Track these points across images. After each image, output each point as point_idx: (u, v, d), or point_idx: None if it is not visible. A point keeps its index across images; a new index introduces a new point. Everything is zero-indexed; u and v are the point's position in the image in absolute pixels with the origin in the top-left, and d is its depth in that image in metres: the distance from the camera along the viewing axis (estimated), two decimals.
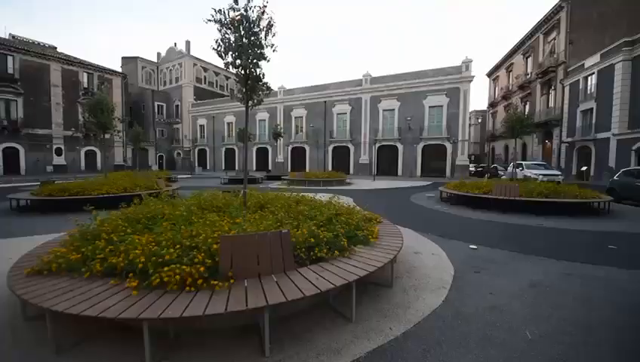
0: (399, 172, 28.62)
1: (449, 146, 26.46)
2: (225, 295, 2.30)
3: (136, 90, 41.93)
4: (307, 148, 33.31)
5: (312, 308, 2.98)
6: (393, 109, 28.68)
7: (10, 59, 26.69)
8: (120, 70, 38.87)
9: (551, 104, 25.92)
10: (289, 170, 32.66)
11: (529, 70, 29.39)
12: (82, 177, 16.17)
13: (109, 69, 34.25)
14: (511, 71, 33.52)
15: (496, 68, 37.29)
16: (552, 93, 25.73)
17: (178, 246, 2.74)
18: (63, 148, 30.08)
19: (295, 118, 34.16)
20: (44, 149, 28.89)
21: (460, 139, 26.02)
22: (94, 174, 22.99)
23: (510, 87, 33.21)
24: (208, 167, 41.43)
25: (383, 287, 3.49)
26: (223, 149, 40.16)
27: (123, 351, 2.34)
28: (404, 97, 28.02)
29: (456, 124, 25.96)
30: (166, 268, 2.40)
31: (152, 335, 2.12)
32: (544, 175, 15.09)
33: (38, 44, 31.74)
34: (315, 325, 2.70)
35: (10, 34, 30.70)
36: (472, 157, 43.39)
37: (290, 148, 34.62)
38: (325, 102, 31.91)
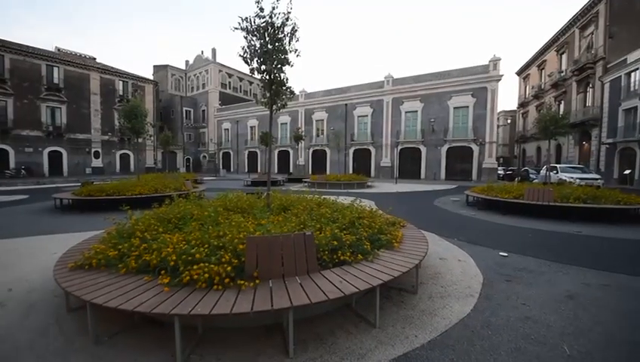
0: (422, 175, 27.90)
1: (475, 148, 25.46)
2: (250, 294, 2.35)
3: (166, 96, 44.18)
4: (328, 150, 33.36)
5: (335, 310, 2.98)
6: (416, 111, 28.07)
7: (56, 70, 29.12)
8: (151, 78, 41.17)
9: (588, 103, 24.20)
10: (310, 172, 32.86)
11: (563, 67, 27.67)
12: (117, 178, 17.26)
13: (142, 77, 36.34)
14: (543, 68, 31.72)
15: (527, 66, 35.46)
16: (590, 91, 24.02)
17: (206, 245, 2.84)
18: (100, 151, 32.27)
19: (316, 120, 34.38)
20: (83, 153, 31.14)
21: (487, 140, 24.95)
22: (128, 176, 24.44)
23: (542, 86, 31.40)
24: (232, 170, 42.66)
25: (408, 293, 3.41)
26: (246, 152, 41.20)
27: (155, 344, 2.46)
28: (428, 98, 27.35)
29: (484, 125, 24.93)
30: (195, 267, 2.50)
31: (181, 330, 2.21)
32: (582, 179, 14.10)
33: (80, 55, 34.40)
34: (338, 328, 2.69)
35: (56, 47, 33.50)
36: (501, 160, 41.42)
37: (310, 151, 34.86)
38: (346, 104, 31.87)
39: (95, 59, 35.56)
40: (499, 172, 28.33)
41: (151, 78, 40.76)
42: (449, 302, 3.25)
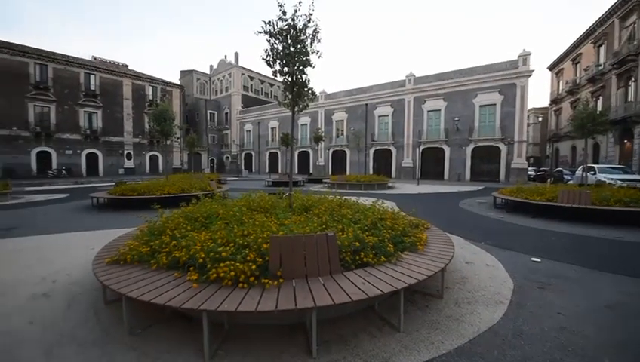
0: (445, 175, 27.05)
1: (503, 148, 24.31)
2: (275, 293, 2.39)
3: (192, 99, 46.00)
4: (348, 151, 33.21)
5: (358, 313, 2.95)
6: (439, 110, 27.28)
7: (92, 77, 31.21)
8: (178, 82, 43.00)
9: (630, 97, 22.34)
10: (329, 173, 32.86)
11: (601, 60, 25.74)
12: (147, 179, 18.18)
13: (170, 82, 38.07)
14: (578, 62, 29.68)
15: (560, 60, 33.35)
16: (632, 85, 22.14)
17: (232, 244, 2.93)
18: (132, 153, 34.16)
19: (336, 121, 34.35)
20: (117, 154, 33.10)
21: (516, 139, 23.75)
22: (156, 176, 25.71)
23: (578, 81, 29.40)
24: (254, 170, 43.59)
25: (433, 298, 3.32)
26: (267, 153, 41.94)
27: (184, 337, 2.56)
28: (451, 96, 26.49)
29: (512, 124, 23.76)
30: (222, 264, 2.57)
31: (209, 326, 2.28)
32: (623, 180, 13.04)
33: (113, 62, 36.60)
34: (361, 331, 2.67)
35: (92, 56, 35.89)
36: (531, 160, 39.28)
37: (330, 152, 34.86)
38: (366, 104, 31.58)
39: (127, 66, 37.69)
40: (529, 173, 26.85)
41: (178, 82, 42.59)
42: (477, 308, 3.13)
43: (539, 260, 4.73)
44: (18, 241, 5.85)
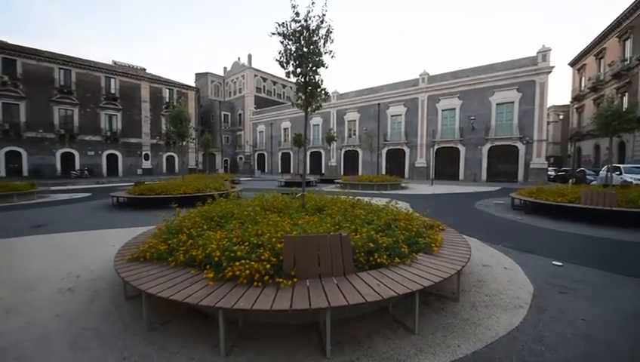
0: (461, 176, 26.45)
1: (522, 147, 23.54)
2: (289, 293, 2.41)
3: (207, 101, 46.95)
4: (360, 151, 33.03)
5: (372, 314, 2.93)
6: (454, 108, 26.70)
7: (112, 81, 32.37)
8: (194, 85, 43.99)
9: None
10: (341, 173, 32.77)
11: (627, 55, 24.49)
12: (164, 179, 18.71)
13: (185, 85, 38.99)
14: (602, 58, 28.35)
15: (582, 55, 31.97)
16: None
17: (247, 243, 2.97)
18: (149, 154, 35.21)
19: (348, 121, 34.22)
20: (135, 155, 34.20)
21: (535, 138, 22.95)
22: (173, 176, 26.39)
23: (601, 77, 28.10)
24: (266, 170, 44.03)
25: (448, 300, 3.25)
26: (280, 153, 42.27)
27: (200, 333, 2.63)
28: (467, 95, 25.89)
29: (531, 122, 22.97)
30: (237, 263, 2.62)
31: (225, 323, 2.33)
32: None
33: (132, 66, 37.84)
34: (375, 332, 2.65)
35: (112, 60, 37.22)
36: (551, 160, 37.87)
37: (342, 152, 34.76)
38: (379, 104, 31.30)
39: (145, 69, 38.87)
40: (549, 173, 25.89)
41: (193, 85, 43.56)
42: (495, 312, 3.05)
43: (560, 264, 4.56)
44: (45, 238, 6.15)
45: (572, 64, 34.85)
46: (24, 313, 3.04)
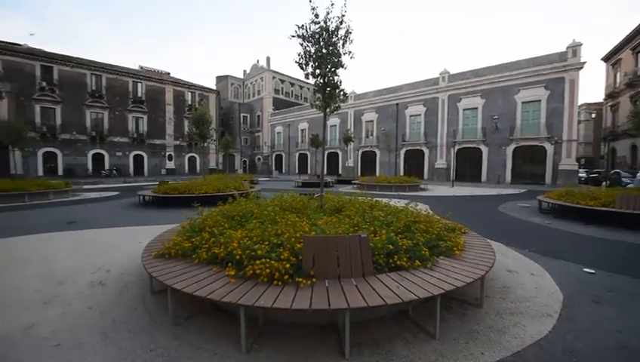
0: (483, 177, 25.52)
1: (549, 148, 22.39)
2: (308, 292, 2.43)
3: (227, 103, 48.18)
4: (377, 152, 32.66)
5: (391, 317, 2.90)
6: (476, 108, 25.83)
7: (139, 85, 33.94)
8: (214, 88, 45.26)
9: None
10: (359, 174, 32.55)
11: None
12: (186, 179, 19.37)
13: (207, 88, 40.20)
14: (639, 52, 26.46)
15: (617, 50, 29.91)
16: None
17: (266, 242, 3.02)
18: (173, 154, 36.60)
19: (365, 122, 33.97)
20: (159, 156, 35.64)
21: (565, 138, 21.76)
22: (194, 176, 27.29)
23: (639, 72, 26.22)
24: (284, 171, 44.53)
25: (471, 306, 3.15)
26: (297, 154, 42.61)
27: (222, 329, 2.70)
28: (490, 93, 24.96)
29: (560, 121, 21.80)
30: (258, 262, 2.67)
31: (246, 320, 2.38)
32: None
33: (157, 71, 39.46)
34: (395, 336, 2.61)
35: (139, 65, 38.99)
36: (582, 161, 35.79)
37: (360, 153, 34.53)
38: (397, 104, 30.84)
39: (169, 73, 40.42)
40: (580, 175, 24.45)
41: (214, 88, 44.83)
42: (521, 320, 2.92)
43: (592, 271, 4.30)
44: (78, 234, 6.54)
45: (605, 59, 32.73)
46: (59, 304, 3.25)
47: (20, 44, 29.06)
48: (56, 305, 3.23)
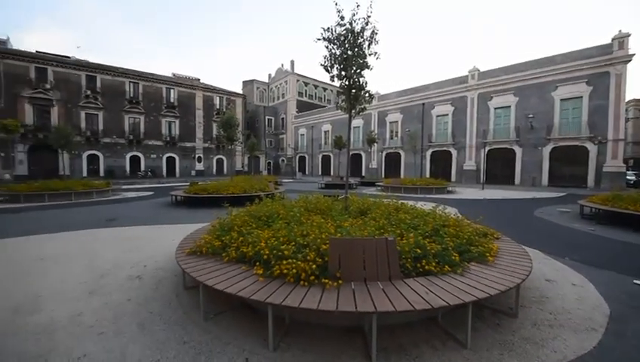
0: (517, 180, 24.09)
1: (592, 148, 20.67)
2: (334, 294, 2.43)
3: (252, 107, 49.55)
4: (402, 153, 31.97)
5: (418, 322, 2.82)
6: (508, 106, 24.48)
7: (172, 91, 35.88)
8: (241, 92, 46.74)
9: None
10: (382, 175, 32.04)
11: None
12: (214, 180, 20.15)
13: (234, 92, 41.62)
14: None
15: None
16: None
17: (293, 243, 3.07)
18: (202, 156, 38.25)
19: (390, 123, 33.40)
20: (190, 158, 37.40)
21: (610, 138, 19.98)
22: (221, 177, 28.32)
23: None
24: (307, 172, 44.91)
25: (505, 316, 2.99)
26: (320, 156, 42.81)
27: (250, 326, 2.78)
28: (524, 91, 23.54)
29: (604, 119, 20.06)
30: (285, 262, 2.72)
31: (273, 318, 2.43)
32: None
33: (188, 77, 41.48)
34: (423, 342, 2.55)
35: (172, 73, 41.22)
36: (630, 162, 32.70)
37: (384, 154, 33.99)
38: (423, 104, 30.01)
39: (199, 79, 42.35)
40: (628, 177, 22.35)
41: (240, 92, 46.31)
42: (561, 333, 2.73)
43: None
44: (117, 231, 7.02)
45: None
46: (102, 295, 3.51)
47: (68, 57, 31.85)
48: (100, 295, 3.50)
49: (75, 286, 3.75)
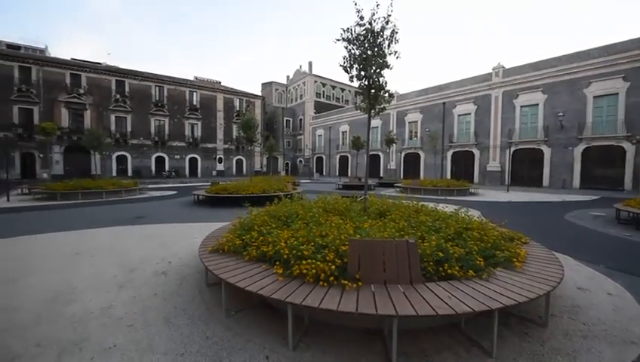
0: (545, 182, 22.89)
1: (630, 148, 19.24)
2: (354, 296, 2.42)
3: (271, 108, 50.32)
4: (422, 154, 31.28)
5: (440, 328, 2.75)
6: (536, 104, 23.30)
7: (194, 94, 37.15)
8: (260, 94, 47.61)
9: None
10: (401, 176, 31.50)
11: None
12: (234, 180, 20.64)
13: (253, 94, 42.46)
14: None
15: None
16: None
17: (312, 243, 3.09)
18: (222, 157, 39.33)
19: (409, 122, 32.78)
20: (211, 158, 38.54)
21: None
22: (241, 177, 28.99)
23: None
24: (324, 173, 44.97)
25: (533, 324, 2.85)
26: (338, 156, 42.73)
27: (270, 325, 2.82)
28: (553, 88, 22.33)
29: None
30: (304, 262, 2.74)
31: (293, 318, 2.45)
32: None
33: (210, 80, 42.77)
34: (445, 348, 2.48)
35: (194, 76, 42.66)
36: None
37: (402, 155, 33.41)
38: (444, 103, 29.21)
39: (220, 82, 43.58)
40: None
41: (259, 94, 47.17)
42: (595, 345, 2.56)
43: None
44: (145, 228, 7.36)
45: None
46: (131, 289, 3.69)
47: (100, 63, 33.77)
48: (129, 289, 3.68)
49: (106, 280, 3.96)
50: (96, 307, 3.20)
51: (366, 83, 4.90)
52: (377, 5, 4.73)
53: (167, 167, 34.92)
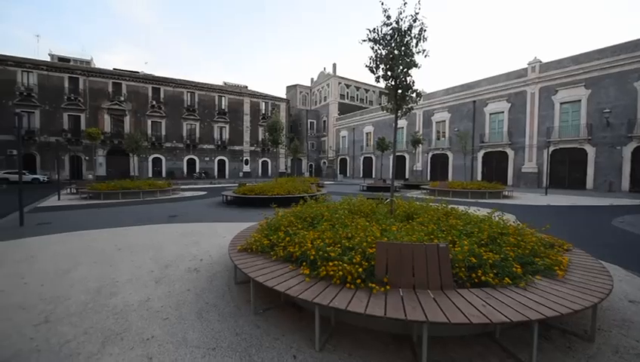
0: (589, 184, 21.08)
1: None
2: (382, 299, 2.39)
3: (295, 111, 51.08)
4: (450, 155, 30.09)
5: (472, 337, 2.63)
6: (578, 100, 21.56)
7: (223, 99, 38.67)
8: (284, 96, 48.51)
9: None
10: (428, 178, 30.54)
11: None
12: (260, 181, 21.15)
13: (278, 97, 43.37)
14: None
15: None
16: None
17: (338, 245, 3.08)
18: (249, 159, 40.54)
19: (436, 122, 31.72)
20: (238, 160, 39.87)
21: None
22: (266, 179, 29.69)
23: None
24: (348, 175, 44.74)
25: (578, 339, 2.64)
26: (362, 158, 42.33)
27: (296, 324, 2.85)
28: (598, 82, 20.52)
29: None
30: (330, 263, 2.75)
31: (320, 319, 2.46)
32: None
33: (237, 85, 44.31)
34: (478, 358, 2.36)
35: (223, 81, 44.38)
36: None
37: (429, 156, 32.36)
38: (474, 101, 27.92)
39: (247, 87, 45.00)
40: None
41: (284, 97, 48.09)
42: None
43: None
44: (178, 226, 7.75)
45: None
46: (166, 284, 3.90)
47: (137, 72, 36.20)
48: (165, 284, 3.89)
49: (144, 275, 4.22)
50: (136, 299, 3.42)
51: (392, 83, 4.82)
52: (405, 4, 4.65)
53: (197, 169, 36.62)
